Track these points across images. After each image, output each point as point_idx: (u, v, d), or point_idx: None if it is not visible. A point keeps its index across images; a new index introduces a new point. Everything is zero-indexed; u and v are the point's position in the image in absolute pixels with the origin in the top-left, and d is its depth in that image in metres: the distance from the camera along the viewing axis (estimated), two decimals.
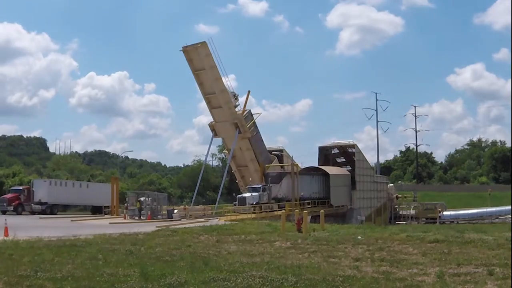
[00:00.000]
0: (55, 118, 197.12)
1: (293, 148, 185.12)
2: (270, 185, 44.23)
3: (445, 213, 57.57)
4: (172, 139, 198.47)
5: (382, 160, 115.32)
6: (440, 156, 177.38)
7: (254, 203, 40.74)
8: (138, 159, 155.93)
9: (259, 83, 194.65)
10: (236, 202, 42.39)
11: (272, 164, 56.53)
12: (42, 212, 43.92)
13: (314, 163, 56.94)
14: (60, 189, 47.68)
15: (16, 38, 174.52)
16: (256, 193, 42.22)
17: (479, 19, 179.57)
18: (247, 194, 42.14)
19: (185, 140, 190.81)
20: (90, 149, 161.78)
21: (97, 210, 46.99)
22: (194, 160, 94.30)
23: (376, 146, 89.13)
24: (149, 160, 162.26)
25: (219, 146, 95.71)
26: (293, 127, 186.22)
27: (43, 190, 45.87)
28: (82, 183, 55.94)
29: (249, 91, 52.19)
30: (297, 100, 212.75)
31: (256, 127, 51.35)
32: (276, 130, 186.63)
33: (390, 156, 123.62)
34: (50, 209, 45.31)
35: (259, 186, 43.95)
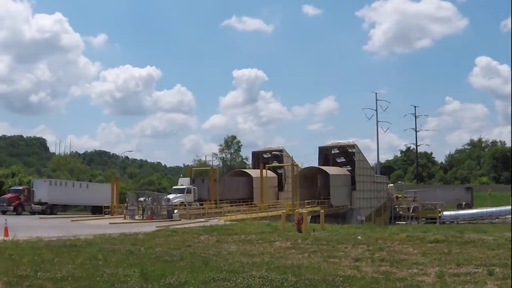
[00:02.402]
0: (76, 116, 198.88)
1: (308, 147, 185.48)
2: (194, 187, 45.60)
3: (445, 213, 57.59)
4: (185, 137, 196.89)
5: (383, 159, 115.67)
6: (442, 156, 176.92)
7: (179, 203, 42.06)
8: (138, 159, 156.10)
9: (287, 79, 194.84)
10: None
11: (272, 164, 56.63)
12: (42, 212, 43.88)
13: (314, 163, 57.06)
14: (60, 189, 47.66)
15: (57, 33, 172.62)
16: (181, 194, 43.64)
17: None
18: (171, 196, 43.53)
19: (198, 138, 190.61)
20: (105, 148, 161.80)
21: (97, 210, 46.95)
22: (195, 160, 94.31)
23: (377, 145, 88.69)
24: (149, 160, 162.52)
25: (220, 145, 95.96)
26: (313, 125, 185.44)
27: (43, 190, 45.82)
28: (82, 183, 55.89)
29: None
30: (321, 98, 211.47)
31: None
32: (295, 128, 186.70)
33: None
34: (50, 209, 45.27)
35: (184, 187, 45.27)
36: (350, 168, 55.83)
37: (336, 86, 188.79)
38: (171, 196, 43.26)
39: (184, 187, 45.53)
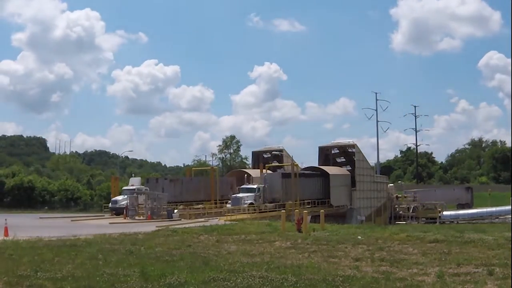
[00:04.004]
0: (90, 115, 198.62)
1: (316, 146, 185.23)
2: (266, 186, 43.83)
3: (445, 213, 57.59)
4: (198, 136, 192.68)
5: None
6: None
7: (249, 202, 40.64)
8: (138, 158, 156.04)
9: (305, 79, 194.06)
10: (230, 201, 42.04)
11: (272, 164, 56.61)
12: None
13: (315, 162, 57.03)
14: None
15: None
16: (251, 194, 42.20)
17: None
18: (242, 194, 41.76)
19: (210, 137, 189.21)
20: (114, 148, 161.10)
21: None
22: (194, 160, 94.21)
23: (377, 145, 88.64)
24: (149, 160, 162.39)
25: (219, 146, 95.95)
26: (326, 125, 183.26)
27: None
28: None
29: None
30: (336, 98, 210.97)
31: None
32: (308, 128, 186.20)
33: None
34: None
35: (254, 187, 43.55)
36: (350, 168, 55.83)
37: (351, 86, 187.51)
38: (241, 195, 41.16)
39: (255, 186, 43.20)
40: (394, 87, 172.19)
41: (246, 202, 40.58)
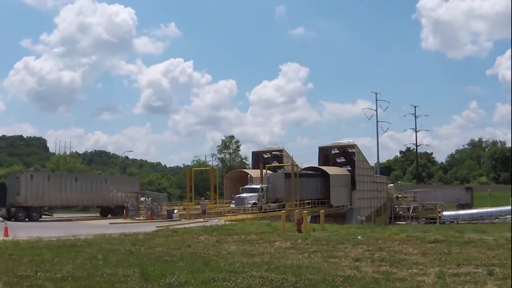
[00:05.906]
0: (106, 116, 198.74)
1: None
2: (269, 186, 44.28)
3: (445, 213, 57.62)
4: (212, 136, 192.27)
5: (383, 159, 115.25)
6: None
7: (252, 202, 40.97)
8: (138, 159, 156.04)
9: (325, 79, 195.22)
10: (234, 202, 42.43)
11: (272, 164, 56.61)
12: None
13: (315, 163, 57.02)
14: None
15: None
16: (255, 194, 42.38)
17: None
18: (245, 194, 42.15)
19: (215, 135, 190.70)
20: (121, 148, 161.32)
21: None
22: (194, 160, 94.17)
23: (377, 145, 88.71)
24: (149, 160, 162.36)
25: (218, 146, 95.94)
26: (341, 125, 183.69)
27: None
28: None
29: None
30: (355, 98, 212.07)
31: None
32: (323, 129, 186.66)
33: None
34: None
35: (257, 187, 43.97)
36: (350, 168, 55.83)
37: (368, 87, 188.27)
38: (245, 195, 41.73)
39: (258, 186, 43.86)
40: (411, 87, 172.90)
41: (250, 202, 41.00)
